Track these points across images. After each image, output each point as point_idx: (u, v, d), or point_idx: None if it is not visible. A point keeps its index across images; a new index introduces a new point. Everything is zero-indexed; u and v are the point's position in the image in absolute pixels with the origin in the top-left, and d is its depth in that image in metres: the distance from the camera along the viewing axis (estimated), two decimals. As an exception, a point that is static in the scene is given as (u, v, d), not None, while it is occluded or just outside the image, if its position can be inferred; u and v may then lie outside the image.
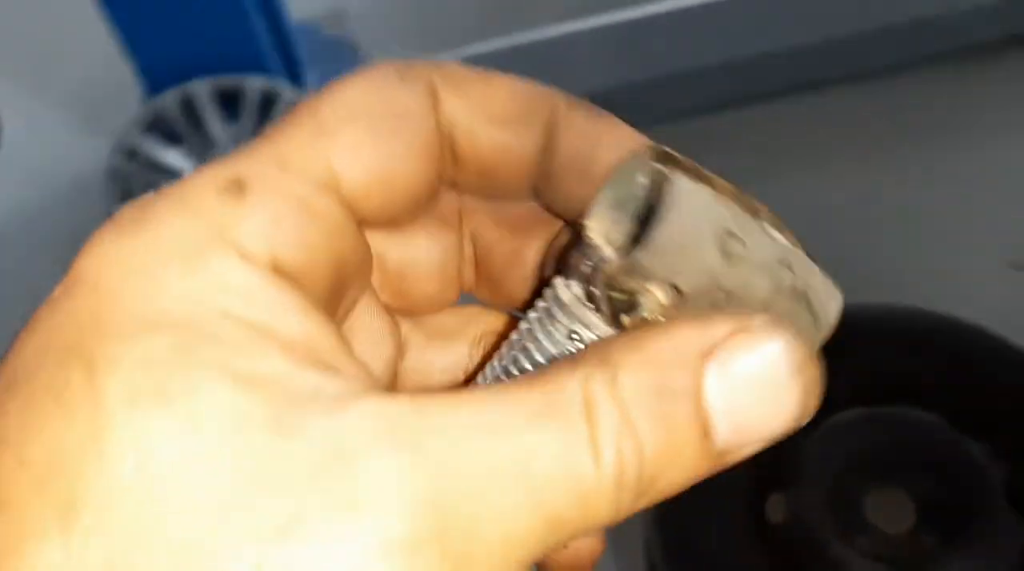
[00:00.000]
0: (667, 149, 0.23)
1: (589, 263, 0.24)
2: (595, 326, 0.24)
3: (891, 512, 0.63)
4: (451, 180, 0.26)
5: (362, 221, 0.24)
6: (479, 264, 0.28)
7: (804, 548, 0.62)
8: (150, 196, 0.23)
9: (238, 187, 0.22)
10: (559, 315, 0.25)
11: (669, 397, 0.20)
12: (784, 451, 0.59)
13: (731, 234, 0.22)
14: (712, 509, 0.64)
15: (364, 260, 0.25)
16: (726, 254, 0.22)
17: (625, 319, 0.23)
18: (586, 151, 0.26)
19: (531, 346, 0.25)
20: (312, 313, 0.22)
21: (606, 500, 0.20)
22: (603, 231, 0.24)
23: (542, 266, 0.28)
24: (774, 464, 0.64)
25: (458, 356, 0.28)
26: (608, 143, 0.25)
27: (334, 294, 0.24)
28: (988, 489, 0.62)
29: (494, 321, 0.29)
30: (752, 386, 0.21)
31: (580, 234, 0.24)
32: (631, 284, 0.23)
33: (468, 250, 0.28)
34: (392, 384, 0.28)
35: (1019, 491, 0.62)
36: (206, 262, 0.22)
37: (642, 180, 0.23)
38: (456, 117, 0.25)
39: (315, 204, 0.23)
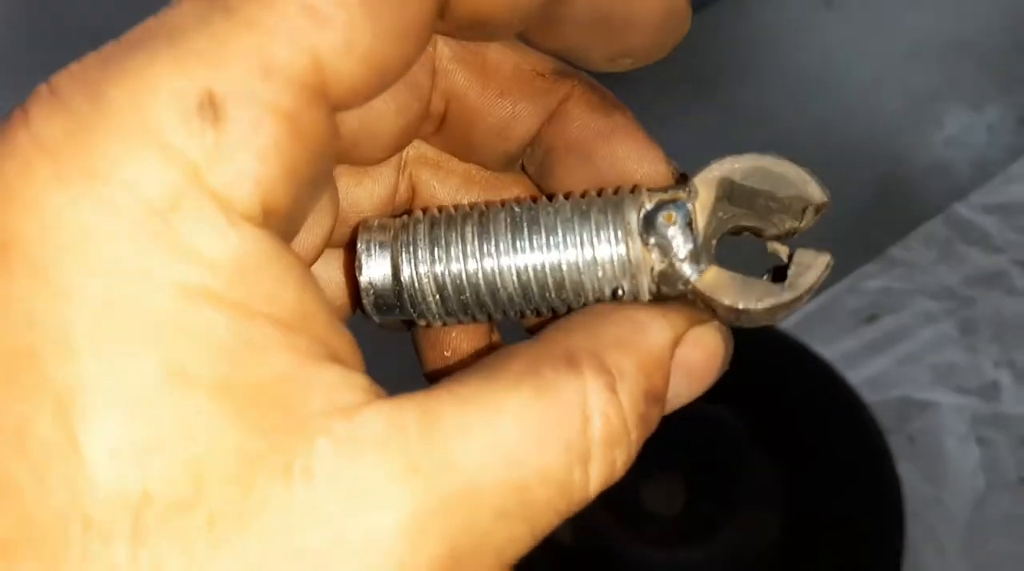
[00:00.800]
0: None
1: (681, 242, 0.22)
2: (643, 295, 0.23)
3: (666, 494, 0.66)
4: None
5: (336, 108, 0.20)
6: (451, 124, 0.25)
7: (596, 558, 0.63)
8: (73, 82, 0.17)
9: (212, 108, 0.17)
10: (616, 263, 0.23)
11: (652, 401, 0.22)
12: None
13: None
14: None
15: (334, 159, 0.21)
16: (787, 309, 0.23)
17: (665, 297, 0.23)
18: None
19: (562, 261, 0.23)
20: (306, 280, 0.19)
21: (584, 503, 0.21)
22: (708, 205, 0.23)
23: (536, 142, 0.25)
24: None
25: (386, 185, 0.25)
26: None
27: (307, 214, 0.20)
28: (739, 444, 0.66)
29: (418, 145, 0.26)
30: (691, 376, 0.23)
31: (681, 188, 0.23)
32: (707, 300, 0.23)
33: (437, 107, 0.25)
34: (331, 233, 0.24)
35: (765, 437, 0.66)
36: (181, 225, 0.17)
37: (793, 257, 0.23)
38: None
39: (303, 120, 0.18)
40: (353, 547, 0.18)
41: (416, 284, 0.24)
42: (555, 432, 0.20)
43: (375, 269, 0.24)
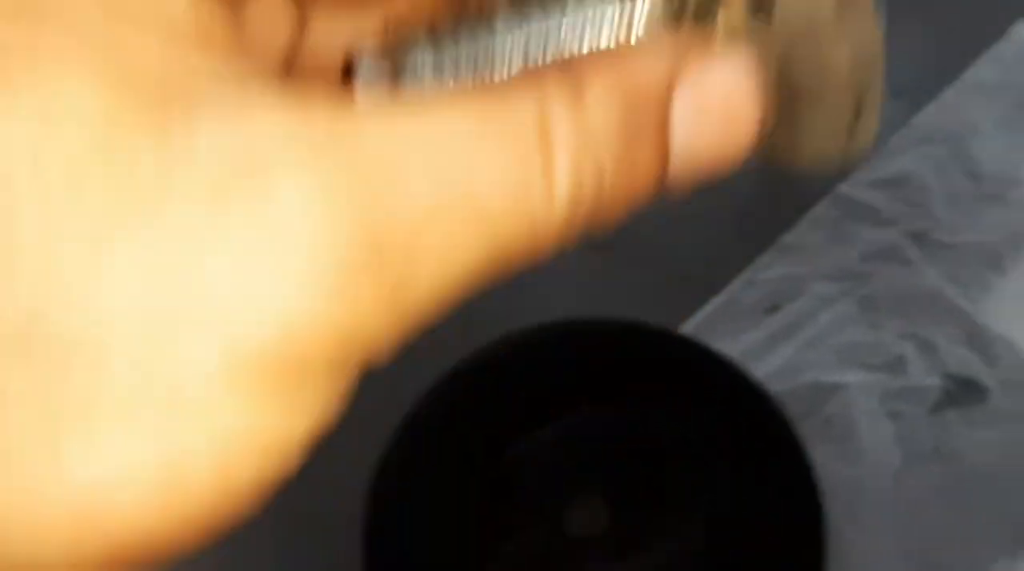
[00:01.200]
0: None
1: None
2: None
3: (588, 516, 0.65)
4: None
5: None
6: None
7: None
8: None
9: None
10: None
11: (635, 131, 0.18)
12: (485, 521, 0.59)
13: None
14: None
15: None
16: (839, 7, 0.19)
17: (685, 21, 0.19)
18: None
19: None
20: None
21: (555, 233, 0.18)
22: None
23: None
24: (483, 539, 0.64)
25: (371, 22, 0.23)
26: None
27: None
28: (653, 454, 0.65)
29: None
30: (712, 111, 0.19)
31: None
32: None
33: None
34: (292, 50, 0.22)
35: (677, 444, 0.65)
36: None
37: None
38: None
39: None
40: (243, 217, 0.15)
41: None
42: (504, 134, 0.17)
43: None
